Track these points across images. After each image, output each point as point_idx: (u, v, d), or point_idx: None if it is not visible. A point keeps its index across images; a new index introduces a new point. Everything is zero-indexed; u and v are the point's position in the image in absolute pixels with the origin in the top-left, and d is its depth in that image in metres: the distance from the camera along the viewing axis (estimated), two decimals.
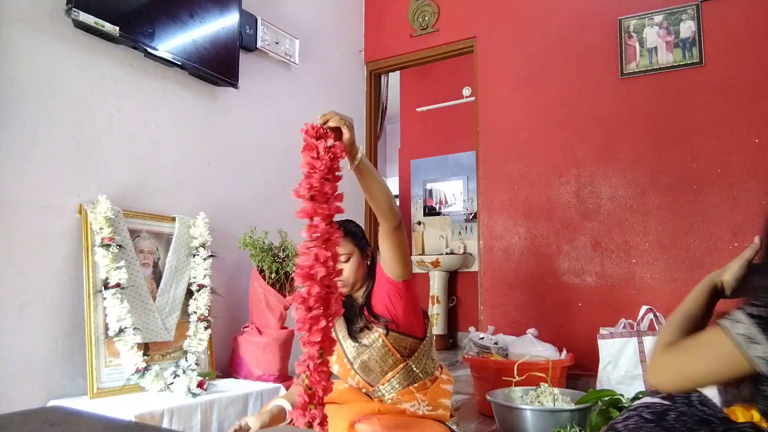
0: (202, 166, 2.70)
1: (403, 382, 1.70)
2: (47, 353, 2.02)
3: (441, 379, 1.78)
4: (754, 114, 2.79)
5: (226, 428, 2.11)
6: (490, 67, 3.54)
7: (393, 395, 1.70)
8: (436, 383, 1.75)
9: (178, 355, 2.30)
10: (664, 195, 2.96)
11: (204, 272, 2.42)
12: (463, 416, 2.75)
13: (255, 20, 3.02)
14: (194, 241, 2.46)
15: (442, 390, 1.75)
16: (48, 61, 2.09)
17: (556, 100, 3.30)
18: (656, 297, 2.81)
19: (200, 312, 2.38)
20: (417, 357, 1.72)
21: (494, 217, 3.44)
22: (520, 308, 3.29)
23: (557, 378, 2.62)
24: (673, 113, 2.98)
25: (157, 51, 2.38)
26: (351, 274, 1.72)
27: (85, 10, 2.08)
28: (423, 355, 1.74)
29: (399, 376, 1.70)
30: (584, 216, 3.16)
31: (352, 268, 1.72)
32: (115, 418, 0.94)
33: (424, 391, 1.72)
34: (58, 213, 2.09)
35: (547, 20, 3.37)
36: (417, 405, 1.69)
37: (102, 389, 2.03)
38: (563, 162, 3.24)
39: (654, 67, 3.03)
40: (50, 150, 2.08)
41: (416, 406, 1.69)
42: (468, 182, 5.90)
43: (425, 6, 3.76)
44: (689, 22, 2.96)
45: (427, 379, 1.74)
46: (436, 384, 1.74)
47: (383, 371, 1.70)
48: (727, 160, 2.82)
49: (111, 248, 2.09)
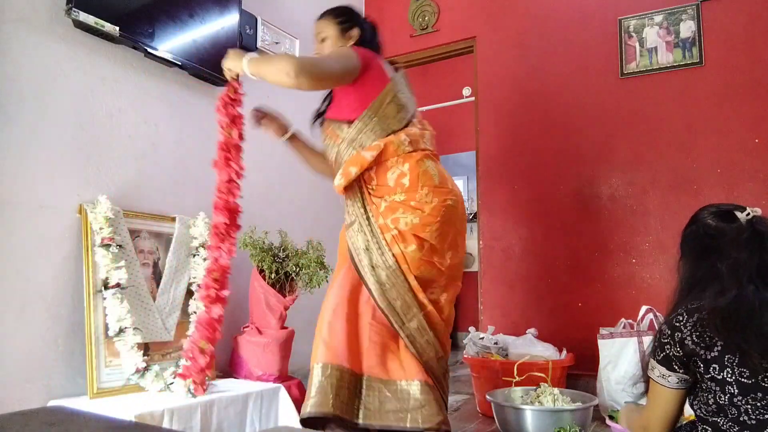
0: (202, 166, 2.69)
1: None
2: (47, 353, 2.02)
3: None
4: (754, 114, 2.79)
5: (226, 428, 2.11)
6: (490, 67, 3.54)
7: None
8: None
9: (178, 355, 2.30)
10: (664, 195, 2.96)
11: (204, 272, 2.42)
12: (463, 416, 2.76)
13: (255, 20, 3.02)
14: (194, 241, 2.46)
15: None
16: (48, 61, 2.09)
17: (556, 100, 3.30)
18: (656, 297, 2.81)
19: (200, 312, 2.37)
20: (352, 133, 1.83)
21: (494, 217, 3.44)
22: (520, 308, 3.29)
23: (557, 378, 2.62)
24: (673, 113, 2.98)
25: (157, 51, 2.37)
26: (328, 50, 1.91)
27: (85, 10, 2.08)
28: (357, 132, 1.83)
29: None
30: (584, 216, 3.16)
31: (329, 45, 1.91)
32: (115, 418, 0.94)
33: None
34: (58, 213, 2.08)
35: (547, 20, 3.37)
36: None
37: (102, 389, 2.03)
38: (563, 162, 3.24)
39: (654, 67, 3.03)
40: (50, 150, 2.08)
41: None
42: (468, 182, 5.90)
43: (425, 6, 3.76)
44: (689, 22, 2.96)
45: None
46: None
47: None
48: (727, 160, 2.82)
49: (111, 248, 2.09)
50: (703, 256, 1.32)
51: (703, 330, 1.22)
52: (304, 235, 2.80)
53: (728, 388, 1.18)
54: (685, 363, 1.26)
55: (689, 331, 1.23)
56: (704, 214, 1.38)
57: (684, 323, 1.25)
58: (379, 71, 1.85)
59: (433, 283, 1.81)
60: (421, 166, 1.79)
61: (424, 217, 1.75)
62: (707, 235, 1.33)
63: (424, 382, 1.72)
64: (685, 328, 1.24)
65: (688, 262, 1.37)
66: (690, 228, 1.40)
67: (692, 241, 1.37)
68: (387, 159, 1.78)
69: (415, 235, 1.75)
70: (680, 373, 1.27)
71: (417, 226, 1.75)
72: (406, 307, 1.74)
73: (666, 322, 1.31)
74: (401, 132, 1.81)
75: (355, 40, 1.92)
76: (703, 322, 1.22)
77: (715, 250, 1.29)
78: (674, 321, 1.27)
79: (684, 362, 1.26)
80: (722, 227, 1.31)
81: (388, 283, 1.74)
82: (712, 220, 1.35)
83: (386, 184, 1.78)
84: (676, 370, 1.27)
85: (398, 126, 1.82)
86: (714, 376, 1.20)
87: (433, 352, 1.79)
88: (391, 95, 1.83)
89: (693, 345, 1.22)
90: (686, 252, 1.39)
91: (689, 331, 1.23)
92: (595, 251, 3.10)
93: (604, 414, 2.36)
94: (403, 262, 1.74)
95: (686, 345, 1.23)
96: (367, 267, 1.76)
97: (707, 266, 1.30)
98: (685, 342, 1.23)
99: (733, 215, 1.32)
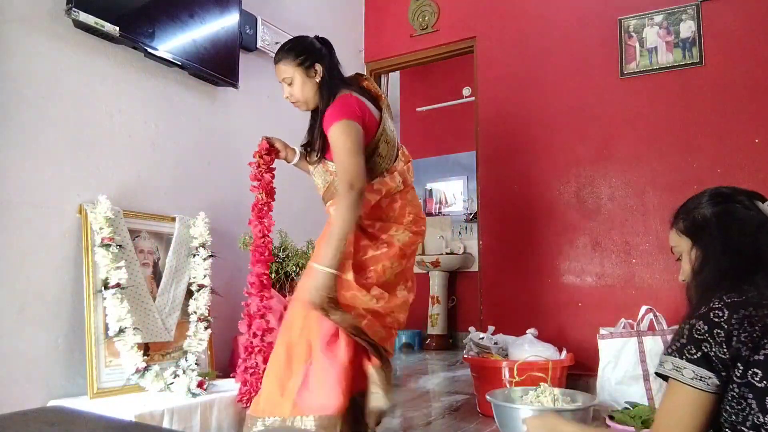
0: (202, 166, 2.70)
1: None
2: (47, 353, 2.02)
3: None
4: (754, 114, 2.79)
5: (226, 428, 2.11)
6: (490, 67, 3.54)
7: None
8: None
9: (178, 355, 2.30)
10: (664, 195, 2.96)
11: (204, 272, 2.42)
12: (463, 416, 2.76)
13: (255, 20, 3.02)
14: (194, 241, 2.46)
15: None
16: (48, 61, 2.09)
17: (556, 100, 3.30)
18: (656, 297, 2.81)
19: (200, 312, 2.38)
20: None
21: (494, 217, 3.44)
22: (520, 308, 3.29)
23: (557, 378, 2.62)
24: (673, 113, 2.98)
25: (157, 51, 2.38)
26: (298, 93, 1.90)
27: (85, 10, 2.08)
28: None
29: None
30: (584, 216, 3.16)
31: (298, 88, 1.89)
32: (115, 418, 0.94)
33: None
34: (58, 213, 2.09)
35: (547, 20, 3.37)
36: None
37: (102, 389, 2.03)
38: (563, 162, 3.24)
39: (654, 67, 3.03)
40: (50, 150, 2.08)
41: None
42: (468, 182, 5.90)
43: (425, 6, 3.76)
44: (689, 22, 2.96)
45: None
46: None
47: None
48: (727, 160, 2.82)
49: (111, 248, 2.09)
50: (742, 242, 1.15)
51: (752, 328, 1.05)
52: (304, 236, 2.81)
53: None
54: (727, 366, 1.07)
55: (735, 327, 1.06)
56: (722, 196, 1.22)
57: (726, 319, 1.07)
58: (370, 119, 1.86)
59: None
60: (407, 198, 1.94)
61: (411, 237, 1.92)
62: (741, 221, 1.17)
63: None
64: (729, 324, 1.06)
65: (716, 250, 1.18)
66: (710, 211, 1.23)
67: (723, 227, 1.19)
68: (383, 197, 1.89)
69: (403, 250, 1.90)
70: (722, 374, 1.08)
71: (406, 245, 1.90)
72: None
73: (700, 317, 1.10)
74: (396, 173, 1.90)
75: (320, 75, 1.89)
76: (753, 319, 1.05)
77: (753, 237, 1.14)
78: (712, 316, 1.09)
79: (727, 365, 1.07)
80: (754, 215, 1.17)
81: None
82: (740, 206, 1.19)
83: (380, 206, 1.90)
84: (718, 371, 1.08)
85: (388, 165, 1.90)
86: (753, 381, 1.03)
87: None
88: (383, 138, 1.88)
89: (738, 344, 1.05)
90: (710, 238, 1.21)
91: (735, 328, 1.06)
92: (595, 251, 3.11)
93: (604, 414, 2.36)
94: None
95: (732, 344, 1.05)
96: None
97: (747, 254, 1.13)
98: (732, 341, 1.06)
99: (755, 202, 1.20)
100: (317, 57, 1.89)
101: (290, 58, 1.88)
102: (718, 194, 1.24)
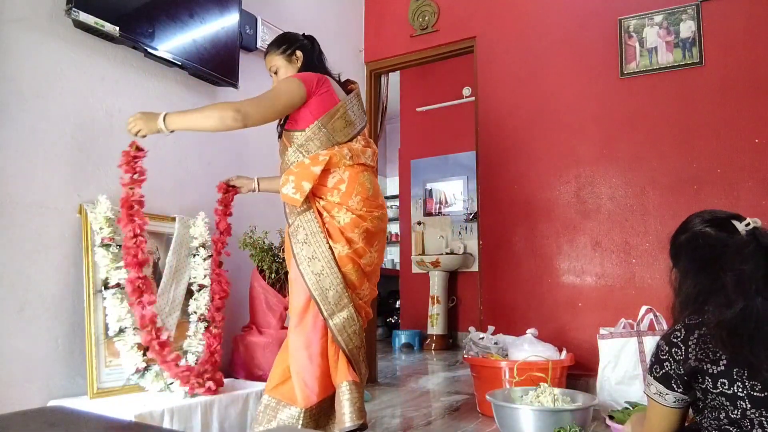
0: (202, 166, 2.70)
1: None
2: (47, 353, 2.02)
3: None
4: (754, 114, 2.79)
5: (226, 428, 2.11)
6: (490, 67, 3.54)
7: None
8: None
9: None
10: (664, 195, 2.96)
11: (204, 272, 2.42)
12: (463, 416, 2.76)
13: (255, 20, 3.02)
14: (194, 241, 2.45)
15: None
16: (48, 61, 2.09)
17: (556, 100, 3.30)
18: (656, 297, 2.81)
19: (200, 312, 2.37)
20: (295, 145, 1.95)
21: (494, 217, 3.44)
22: (520, 308, 3.29)
23: (557, 378, 2.62)
24: (673, 113, 2.98)
25: (157, 51, 2.38)
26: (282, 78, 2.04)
27: (85, 10, 2.08)
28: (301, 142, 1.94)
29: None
30: (584, 216, 3.16)
31: (282, 75, 2.07)
32: (115, 418, 0.94)
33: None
34: (58, 213, 2.09)
35: (547, 20, 3.37)
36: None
37: (102, 389, 2.03)
38: (563, 162, 3.24)
39: (654, 67, 3.03)
40: (50, 150, 2.08)
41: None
42: (468, 182, 5.90)
43: (425, 6, 3.76)
44: (689, 22, 2.96)
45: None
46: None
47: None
48: (727, 160, 2.82)
49: (111, 248, 2.09)
50: (703, 267, 1.26)
51: (706, 346, 1.19)
52: None
53: (740, 403, 1.16)
54: (686, 382, 1.22)
55: (692, 348, 1.20)
56: (697, 222, 1.31)
57: (683, 339, 1.22)
58: (328, 94, 1.98)
59: (360, 283, 1.97)
60: (359, 178, 1.95)
61: (353, 219, 1.92)
62: (707, 246, 1.27)
63: (352, 381, 1.89)
64: (685, 344, 1.21)
65: (686, 274, 1.31)
66: (683, 237, 1.33)
67: (691, 251, 1.31)
68: (330, 168, 1.93)
69: (343, 233, 1.90)
70: (678, 392, 1.24)
71: (347, 226, 1.91)
72: (338, 297, 1.88)
73: (663, 338, 1.27)
74: (345, 146, 1.95)
75: (301, 60, 2.09)
76: (705, 338, 1.19)
77: (716, 261, 1.24)
78: (671, 337, 1.24)
79: (685, 381, 1.22)
80: (723, 238, 1.25)
81: (323, 273, 1.88)
82: (710, 230, 1.29)
83: (325, 185, 1.93)
84: (674, 388, 1.24)
85: (343, 140, 1.97)
86: (723, 390, 1.18)
87: (359, 341, 1.95)
88: (341, 112, 1.97)
89: (696, 362, 1.19)
90: (683, 262, 1.34)
91: (692, 348, 1.20)
92: (595, 251, 3.11)
93: (604, 414, 2.36)
94: (335, 255, 1.91)
95: (689, 362, 1.20)
96: (305, 259, 1.89)
97: (708, 278, 1.25)
98: (688, 359, 1.20)
99: (731, 224, 1.26)
100: (298, 46, 2.10)
101: (275, 48, 2.11)
102: (689, 220, 1.35)
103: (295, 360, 1.92)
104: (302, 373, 1.90)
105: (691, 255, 1.31)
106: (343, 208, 1.91)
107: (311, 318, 1.91)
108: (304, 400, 1.90)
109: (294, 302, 1.95)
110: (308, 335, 1.91)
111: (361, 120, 2.07)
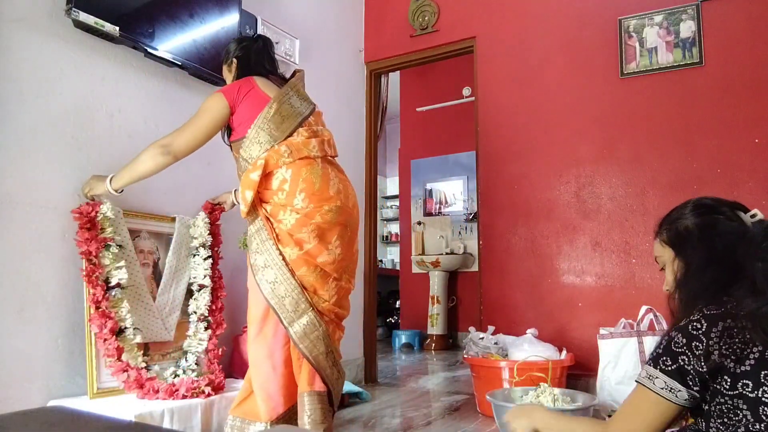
0: (202, 166, 2.70)
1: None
2: (47, 353, 2.02)
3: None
4: (754, 114, 2.79)
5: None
6: (490, 67, 3.54)
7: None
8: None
9: (178, 355, 2.30)
10: (664, 195, 2.96)
11: (204, 272, 2.42)
12: (463, 416, 2.76)
13: (255, 20, 3.02)
14: (194, 241, 2.45)
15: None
16: (48, 61, 2.09)
17: (556, 100, 3.30)
18: (656, 297, 2.81)
19: (200, 312, 2.38)
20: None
21: (494, 217, 3.44)
22: (520, 308, 3.29)
23: (557, 378, 2.62)
24: (673, 113, 2.98)
25: (157, 51, 2.38)
26: None
27: (85, 10, 2.08)
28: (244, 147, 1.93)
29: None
30: (584, 216, 3.16)
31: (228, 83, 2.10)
32: (115, 418, 0.94)
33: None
34: (58, 213, 2.08)
35: (547, 20, 3.37)
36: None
37: (102, 389, 2.03)
38: (563, 162, 3.24)
39: (654, 67, 3.03)
40: (50, 150, 2.08)
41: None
42: (468, 182, 5.90)
43: (425, 6, 3.76)
44: (689, 22, 2.96)
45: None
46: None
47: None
48: (727, 160, 2.82)
49: (111, 248, 2.09)
50: (724, 256, 1.15)
51: (731, 340, 1.05)
52: None
53: (764, 409, 1.02)
54: (704, 380, 1.09)
55: (714, 341, 1.06)
56: (723, 207, 1.21)
57: (704, 331, 1.08)
58: (256, 97, 1.95)
59: (322, 285, 1.88)
60: (302, 173, 1.87)
61: (299, 219, 1.84)
62: (726, 233, 1.17)
63: (311, 392, 1.84)
64: (708, 337, 1.07)
65: (702, 262, 1.18)
66: (694, 222, 1.22)
67: (708, 239, 1.18)
68: (271, 170, 1.87)
69: (292, 235, 1.84)
70: (694, 390, 1.10)
71: (294, 227, 1.84)
72: (295, 304, 1.82)
73: (679, 329, 1.12)
74: (283, 143, 1.89)
75: (235, 68, 2.11)
76: (731, 330, 1.06)
77: (734, 249, 1.14)
78: (690, 328, 1.10)
79: (704, 379, 1.09)
80: (737, 227, 1.17)
81: (277, 281, 1.82)
82: (724, 217, 1.19)
83: (270, 188, 1.88)
84: (690, 385, 1.09)
85: (282, 136, 1.90)
86: (745, 393, 1.04)
87: (324, 346, 1.85)
88: (275, 108, 1.92)
89: (721, 358, 1.06)
90: (696, 250, 1.20)
91: (714, 342, 1.06)
92: (595, 251, 3.11)
93: (604, 414, 2.36)
94: (287, 260, 1.85)
95: (712, 358, 1.06)
96: (259, 268, 1.86)
97: (727, 267, 1.14)
98: (711, 354, 1.06)
99: (736, 213, 1.21)
100: (233, 54, 2.13)
101: (222, 59, 2.18)
102: (701, 205, 1.25)
103: (258, 371, 1.88)
104: (266, 384, 1.87)
105: (709, 243, 1.18)
106: (288, 209, 1.84)
107: (272, 326, 1.86)
108: (268, 413, 1.86)
109: (252, 312, 1.91)
110: (270, 344, 1.87)
111: (304, 109, 2.00)
